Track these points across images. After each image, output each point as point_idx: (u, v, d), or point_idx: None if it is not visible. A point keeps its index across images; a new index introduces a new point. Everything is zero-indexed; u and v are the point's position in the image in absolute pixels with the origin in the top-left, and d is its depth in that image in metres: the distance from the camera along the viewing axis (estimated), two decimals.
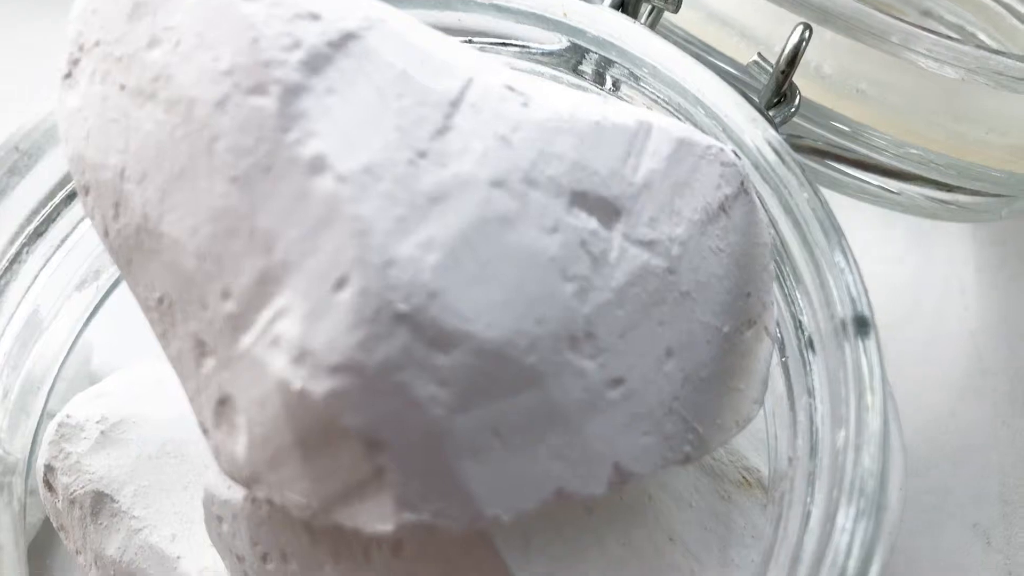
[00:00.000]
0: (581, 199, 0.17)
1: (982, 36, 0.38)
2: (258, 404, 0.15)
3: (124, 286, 0.19)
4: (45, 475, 0.24)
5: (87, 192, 0.18)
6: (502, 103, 0.17)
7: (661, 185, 0.18)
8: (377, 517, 0.15)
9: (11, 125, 0.21)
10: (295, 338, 0.15)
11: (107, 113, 0.17)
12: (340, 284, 0.14)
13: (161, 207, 0.16)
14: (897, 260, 0.37)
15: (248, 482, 0.16)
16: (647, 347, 0.17)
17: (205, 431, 0.17)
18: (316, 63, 0.15)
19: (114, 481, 0.24)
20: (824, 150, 0.27)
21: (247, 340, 0.15)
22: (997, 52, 0.27)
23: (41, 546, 0.27)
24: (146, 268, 0.17)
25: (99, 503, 0.23)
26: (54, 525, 0.25)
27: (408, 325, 0.14)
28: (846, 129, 0.27)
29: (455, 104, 0.16)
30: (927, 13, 0.39)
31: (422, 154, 0.15)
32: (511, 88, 0.17)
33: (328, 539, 0.18)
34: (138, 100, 0.17)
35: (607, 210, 0.17)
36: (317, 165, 0.15)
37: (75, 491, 0.24)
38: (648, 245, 0.17)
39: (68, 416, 0.24)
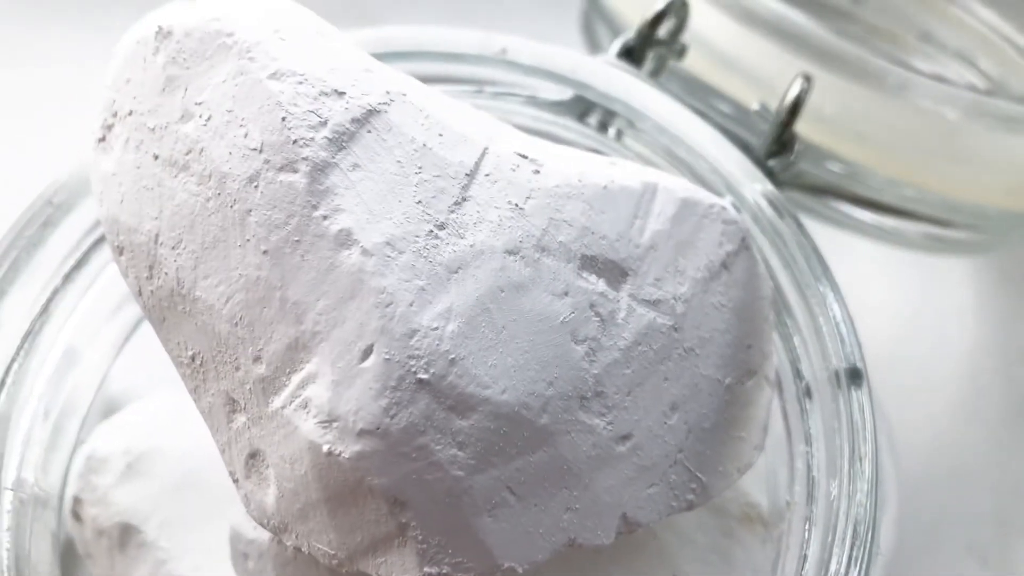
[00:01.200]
0: (590, 263, 0.18)
1: (982, 64, 0.39)
2: (288, 461, 0.16)
3: (147, 323, 0.20)
4: (74, 506, 0.25)
5: (121, 252, 0.19)
6: (515, 171, 0.18)
7: (666, 245, 0.19)
8: (401, 570, 0.16)
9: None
10: (324, 403, 0.16)
11: (141, 180, 0.18)
12: (366, 354, 0.15)
13: (195, 273, 0.17)
14: (896, 282, 0.37)
15: (277, 531, 0.17)
16: (653, 403, 0.18)
17: (236, 480, 0.18)
18: (342, 140, 0.16)
19: (140, 513, 0.25)
20: (822, 188, 0.28)
21: (277, 402, 0.16)
22: (992, 94, 0.27)
23: (67, 566, 0.28)
24: (179, 328, 0.18)
25: (127, 534, 0.24)
26: (81, 552, 0.26)
27: (429, 391, 0.15)
28: (845, 169, 0.28)
29: (471, 175, 0.17)
30: (926, 37, 0.39)
31: (441, 226, 0.16)
32: (523, 155, 0.18)
33: None
34: (171, 171, 0.17)
35: (615, 272, 0.18)
36: (343, 239, 0.16)
37: (103, 522, 0.25)
38: (654, 304, 0.18)
39: (95, 449, 0.25)
